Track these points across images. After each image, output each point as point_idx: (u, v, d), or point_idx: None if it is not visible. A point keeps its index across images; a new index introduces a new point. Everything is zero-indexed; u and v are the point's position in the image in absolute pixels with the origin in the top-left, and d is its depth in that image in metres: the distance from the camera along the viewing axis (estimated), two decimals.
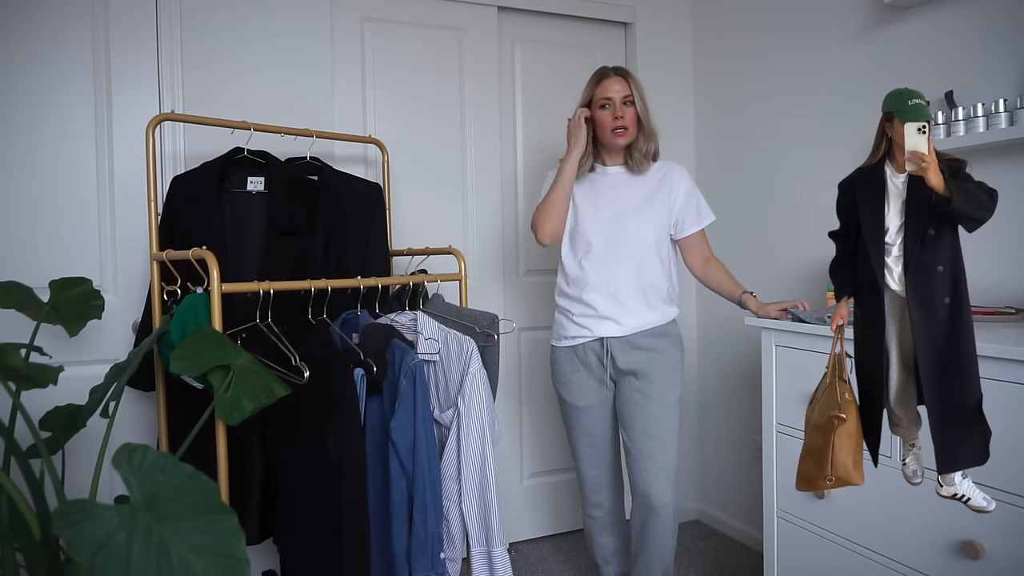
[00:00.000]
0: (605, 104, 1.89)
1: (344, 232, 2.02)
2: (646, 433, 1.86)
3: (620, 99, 1.88)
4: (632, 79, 1.91)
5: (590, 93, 1.93)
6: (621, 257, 1.89)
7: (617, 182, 1.96)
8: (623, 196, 1.93)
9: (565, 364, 1.97)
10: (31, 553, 1.28)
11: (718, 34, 2.76)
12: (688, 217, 1.96)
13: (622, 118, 1.87)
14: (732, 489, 2.74)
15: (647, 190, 1.94)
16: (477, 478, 1.66)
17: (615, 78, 1.90)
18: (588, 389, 1.96)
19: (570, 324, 1.95)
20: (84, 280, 1.66)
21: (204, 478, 1.05)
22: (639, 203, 1.92)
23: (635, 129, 1.90)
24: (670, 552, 1.92)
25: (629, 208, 1.91)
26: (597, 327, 1.91)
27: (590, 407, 1.96)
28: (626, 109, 1.88)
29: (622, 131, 1.88)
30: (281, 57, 2.24)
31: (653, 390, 1.87)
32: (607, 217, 1.91)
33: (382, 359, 1.63)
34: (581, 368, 1.95)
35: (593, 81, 1.93)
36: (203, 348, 1.43)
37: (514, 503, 2.69)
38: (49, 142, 1.99)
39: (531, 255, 2.71)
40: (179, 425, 1.78)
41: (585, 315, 1.92)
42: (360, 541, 1.53)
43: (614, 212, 1.91)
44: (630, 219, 1.90)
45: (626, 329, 1.90)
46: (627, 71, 1.93)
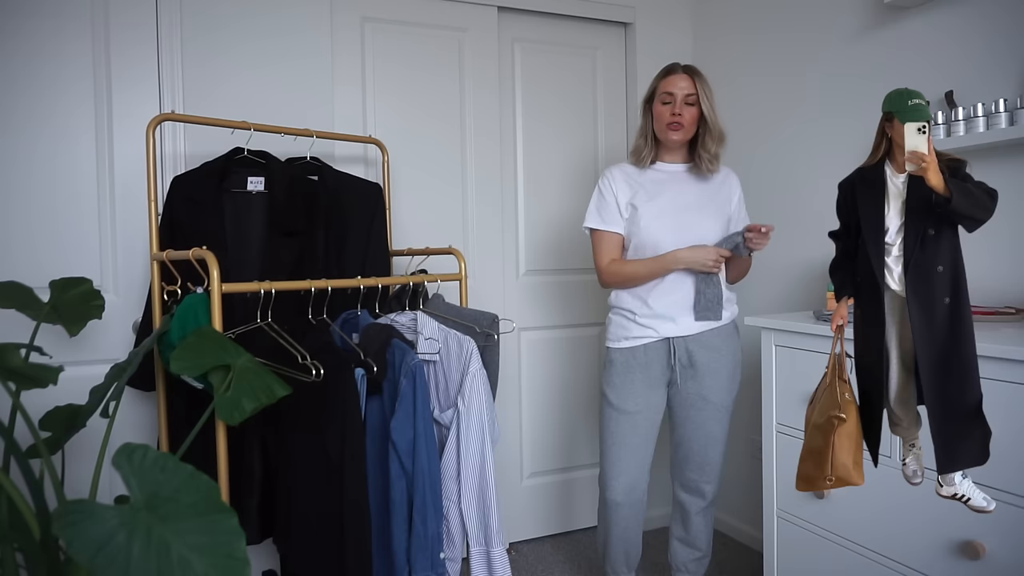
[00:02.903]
0: (667, 100, 1.87)
1: (344, 232, 2.02)
2: (702, 431, 1.92)
3: (682, 96, 1.85)
4: (700, 78, 1.87)
5: (654, 86, 1.91)
6: None
7: (678, 180, 1.94)
8: (686, 195, 1.91)
9: (621, 366, 1.93)
10: (31, 553, 1.28)
11: (718, 34, 2.76)
12: (738, 224, 1.95)
13: (680, 115, 1.85)
14: (732, 489, 2.74)
15: (709, 191, 1.93)
16: (476, 478, 1.66)
17: (681, 75, 1.87)
18: (638, 394, 1.91)
19: (632, 325, 1.92)
20: (84, 280, 1.66)
21: (204, 478, 1.05)
22: (703, 203, 1.91)
23: (692, 128, 1.88)
24: (708, 539, 2.05)
25: (693, 207, 1.89)
26: (662, 327, 1.89)
27: (637, 412, 1.91)
28: (687, 108, 1.85)
29: (677, 126, 1.86)
30: (281, 57, 2.24)
31: (712, 393, 1.90)
32: (671, 215, 1.89)
33: (382, 359, 1.63)
34: (637, 371, 1.91)
35: (660, 75, 1.91)
36: (203, 348, 1.43)
37: (514, 503, 2.69)
38: (49, 142, 1.99)
39: (531, 255, 2.71)
40: (179, 425, 1.78)
41: (648, 315, 1.89)
42: (362, 541, 1.53)
43: (678, 210, 1.89)
44: (695, 218, 1.88)
45: (694, 329, 1.89)
46: (696, 70, 1.89)
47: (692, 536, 2.04)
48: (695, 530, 2.03)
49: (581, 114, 2.78)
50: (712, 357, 1.90)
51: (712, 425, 1.92)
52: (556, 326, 2.77)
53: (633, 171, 1.97)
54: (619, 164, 2.01)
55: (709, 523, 2.05)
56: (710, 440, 1.93)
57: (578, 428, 2.80)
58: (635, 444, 1.92)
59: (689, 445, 1.95)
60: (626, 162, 2.01)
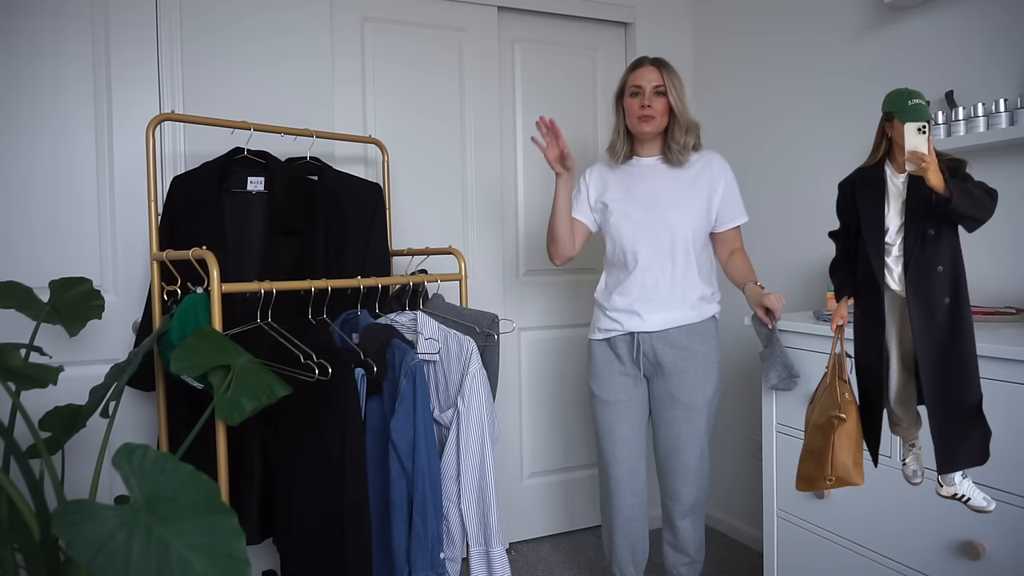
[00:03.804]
0: (636, 92, 1.87)
1: (344, 232, 2.02)
2: (671, 432, 1.87)
3: (651, 88, 1.85)
4: (668, 70, 1.87)
5: (624, 81, 1.92)
6: (655, 251, 1.86)
7: (652, 173, 1.93)
8: (658, 187, 1.90)
9: (599, 357, 1.95)
10: (31, 553, 1.28)
11: (718, 34, 2.76)
12: (729, 211, 1.92)
13: (649, 107, 1.85)
14: (732, 489, 2.74)
15: (685, 181, 1.90)
16: (476, 478, 1.66)
17: (649, 67, 1.87)
18: (618, 384, 1.92)
19: (603, 317, 1.94)
20: (84, 280, 1.66)
21: (204, 478, 1.04)
22: (676, 194, 1.88)
23: (664, 119, 1.87)
24: (698, 545, 1.97)
25: (664, 200, 1.88)
26: (628, 321, 1.88)
27: (617, 402, 1.92)
28: (656, 99, 1.85)
29: (648, 118, 1.85)
30: (281, 57, 2.24)
31: (681, 391, 1.85)
32: (640, 210, 1.88)
33: (382, 359, 1.63)
34: (614, 362, 1.93)
35: (628, 69, 1.92)
36: (203, 348, 1.43)
37: (514, 503, 2.69)
38: (49, 142, 1.99)
39: (531, 255, 2.71)
40: (179, 425, 1.78)
41: (617, 309, 1.90)
42: (362, 541, 1.53)
43: (649, 204, 1.88)
44: (666, 211, 1.87)
45: (657, 325, 1.86)
46: (663, 61, 1.89)
47: (680, 541, 1.97)
48: (682, 535, 1.96)
49: (581, 114, 2.78)
50: (679, 355, 1.86)
51: (683, 425, 1.86)
52: (556, 326, 2.77)
53: (606, 170, 1.99)
54: (598, 163, 2.04)
55: (698, 529, 1.97)
56: (681, 441, 1.87)
57: (578, 428, 2.80)
58: (625, 433, 1.93)
59: (663, 446, 1.90)
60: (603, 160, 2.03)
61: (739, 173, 2.65)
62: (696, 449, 1.88)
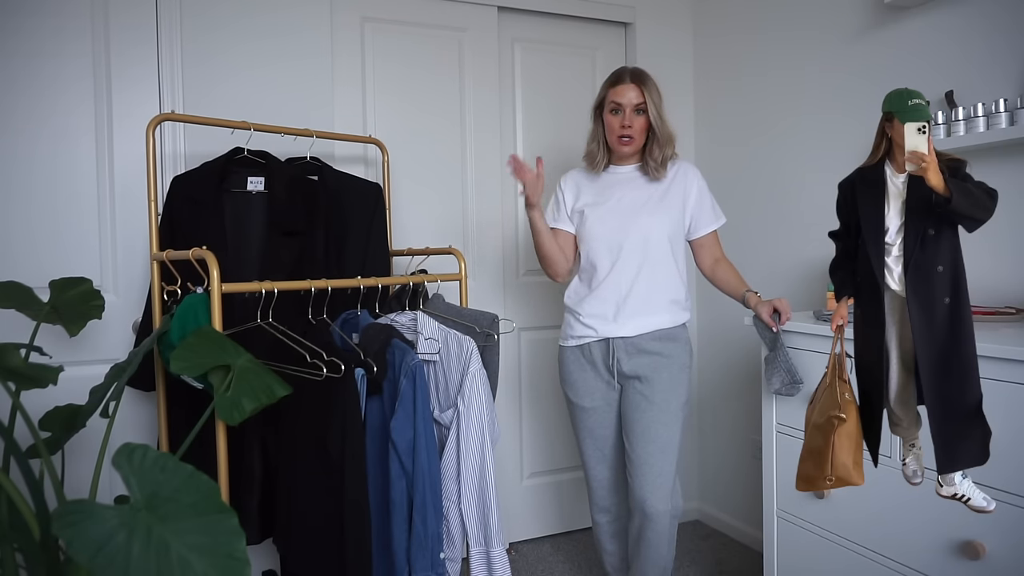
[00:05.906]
0: (615, 109, 1.86)
1: (344, 232, 2.02)
2: (645, 438, 1.83)
3: (631, 107, 1.84)
4: (647, 86, 1.86)
5: (603, 95, 1.91)
6: (629, 257, 1.87)
7: (627, 181, 1.93)
8: (632, 195, 1.90)
9: (572, 364, 1.95)
10: (31, 553, 1.28)
11: (718, 34, 2.76)
12: (703, 217, 1.93)
13: (630, 127, 1.85)
14: (732, 489, 2.74)
15: (659, 189, 1.90)
16: (476, 478, 1.66)
17: (629, 84, 1.85)
18: (595, 390, 1.93)
19: (576, 324, 1.94)
20: (84, 280, 1.66)
21: (204, 478, 1.05)
22: (649, 202, 1.89)
23: (643, 137, 1.88)
24: (666, 560, 1.89)
25: (638, 207, 1.88)
26: (602, 328, 1.89)
27: (595, 408, 1.93)
28: (636, 118, 1.85)
29: (628, 140, 1.86)
30: (281, 57, 2.24)
31: (656, 394, 1.84)
32: (615, 216, 1.89)
33: (382, 359, 1.63)
34: (588, 368, 1.93)
35: (608, 83, 1.91)
36: (203, 348, 1.43)
37: (514, 503, 2.69)
38: (49, 142, 1.99)
39: (531, 255, 2.71)
40: (179, 425, 1.78)
41: (591, 315, 1.90)
42: (361, 541, 1.53)
43: (622, 211, 1.89)
44: (639, 218, 1.87)
45: (631, 331, 1.87)
46: (644, 76, 1.87)
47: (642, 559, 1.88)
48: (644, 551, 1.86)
49: (581, 114, 2.77)
50: (652, 360, 1.86)
51: (658, 428, 1.82)
52: (556, 326, 2.76)
53: (583, 178, 1.98)
54: (575, 169, 2.03)
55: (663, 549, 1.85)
56: (655, 443, 1.81)
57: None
58: (605, 435, 1.95)
59: (634, 451, 1.84)
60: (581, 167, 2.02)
61: (739, 172, 2.66)
62: (671, 456, 1.84)
